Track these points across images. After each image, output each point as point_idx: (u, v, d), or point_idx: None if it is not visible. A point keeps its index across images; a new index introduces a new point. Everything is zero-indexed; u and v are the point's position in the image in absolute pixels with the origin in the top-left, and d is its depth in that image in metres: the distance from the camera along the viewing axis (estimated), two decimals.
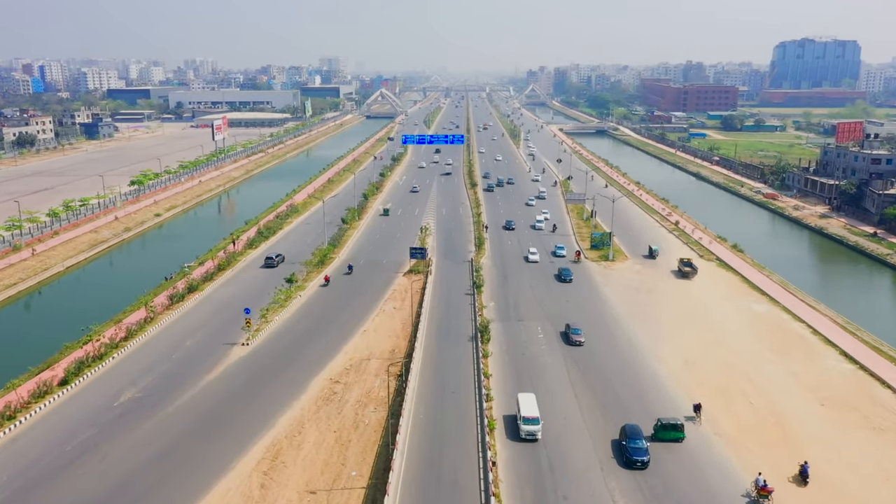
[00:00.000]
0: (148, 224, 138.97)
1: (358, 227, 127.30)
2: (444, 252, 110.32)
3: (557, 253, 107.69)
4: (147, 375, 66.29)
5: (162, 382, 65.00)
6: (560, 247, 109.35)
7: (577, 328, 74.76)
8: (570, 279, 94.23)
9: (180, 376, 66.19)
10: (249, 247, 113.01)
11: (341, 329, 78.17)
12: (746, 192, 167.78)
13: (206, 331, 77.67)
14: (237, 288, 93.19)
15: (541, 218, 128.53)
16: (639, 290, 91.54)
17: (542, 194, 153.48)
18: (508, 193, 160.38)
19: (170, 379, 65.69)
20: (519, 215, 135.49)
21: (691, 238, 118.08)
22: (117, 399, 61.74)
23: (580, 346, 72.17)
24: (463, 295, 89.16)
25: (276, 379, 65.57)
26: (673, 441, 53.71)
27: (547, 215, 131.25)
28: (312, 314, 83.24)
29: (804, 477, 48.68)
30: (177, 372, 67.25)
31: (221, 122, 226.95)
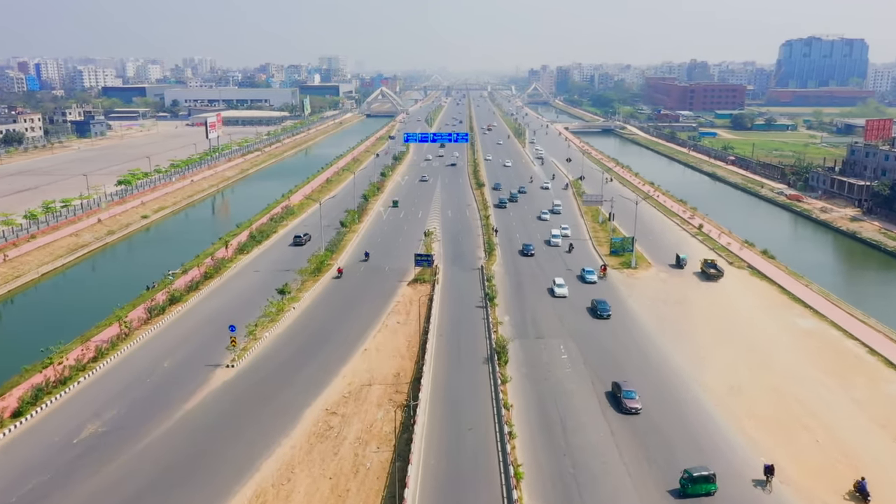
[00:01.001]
0: (134, 227, 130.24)
1: (358, 230, 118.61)
2: (452, 258, 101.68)
3: (586, 278, 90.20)
4: (115, 405, 57.60)
5: (131, 413, 56.33)
6: (589, 270, 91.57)
7: (631, 390, 56.98)
8: (607, 314, 76.67)
9: (153, 406, 57.51)
10: (240, 252, 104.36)
11: (339, 347, 69.50)
12: (767, 193, 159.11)
13: (187, 350, 69.01)
14: (225, 299, 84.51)
15: (556, 233, 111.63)
16: (667, 303, 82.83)
17: (557, 208, 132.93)
18: (520, 205, 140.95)
19: (141, 409, 57.01)
20: (532, 230, 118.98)
21: (717, 243, 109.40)
22: (78, 434, 53.05)
23: (636, 413, 55.30)
24: (474, 308, 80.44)
25: (264, 409, 56.90)
26: (705, 495, 44.82)
27: (567, 231, 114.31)
28: (307, 329, 74.57)
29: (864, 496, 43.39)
30: (150, 400, 58.58)
31: (215, 120, 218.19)
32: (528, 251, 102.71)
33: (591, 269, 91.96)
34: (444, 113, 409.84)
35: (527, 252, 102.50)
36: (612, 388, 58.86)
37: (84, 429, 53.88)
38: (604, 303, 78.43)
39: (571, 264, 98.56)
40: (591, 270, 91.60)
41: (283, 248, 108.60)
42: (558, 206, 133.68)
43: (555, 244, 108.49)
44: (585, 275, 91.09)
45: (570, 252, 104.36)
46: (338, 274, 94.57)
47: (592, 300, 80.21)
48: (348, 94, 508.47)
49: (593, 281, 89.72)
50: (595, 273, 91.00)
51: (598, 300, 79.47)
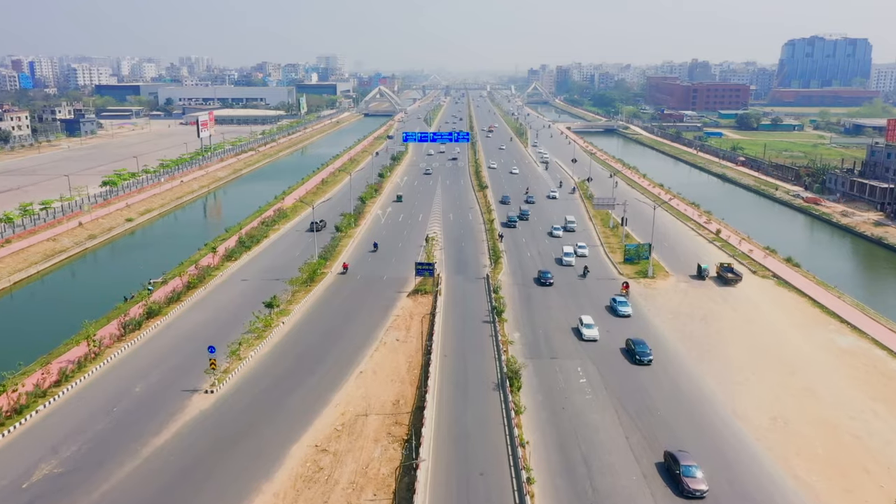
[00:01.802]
0: (117, 230, 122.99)
1: (354, 235, 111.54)
2: (455, 266, 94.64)
3: (618, 310, 75.29)
4: (75, 440, 50.49)
5: (93, 450, 49.23)
6: (621, 300, 76.64)
7: (693, 465, 44.97)
8: (648, 360, 62.73)
9: (119, 441, 50.42)
10: (228, 259, 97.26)
11: (331, 370, 62.44)
12: (782, 195, 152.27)
13: (163, 372, 61.91)
14: (209, 312, 77.36)
15: (569, 250, 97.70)
16: (692, 318, 75.85)
17: (571, 225, 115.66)
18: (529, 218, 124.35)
19: (104, 445, 49.92)
20: (545, 249, 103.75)
21: (738, 250, 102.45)
22: (28, 478, 45.96)
23: (700, 498, 43.41)
24: (480, 323, 73.39)
25: (244, 445, 49.84)
26: None
27: (584, 250, 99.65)
28: (297, 348, 67.48)
29: None
30: (115, 434, 51.48)
31: (207, 118, 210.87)
32: (546, 280, 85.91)
33: (624, 299, 76.98)
34: (444, 112, 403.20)
35: (544, 281, 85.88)
36: (666, 459, 46.67)
37: (37, 469, 46.78)
38: (643, 344, 64.36)
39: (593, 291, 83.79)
40: (623, 300, 76.50)
41: (274, 253, 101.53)
42: (572, 223, 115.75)
43: (567, 263, 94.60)
44: (617, 306, 75.94)
45: (585, 276, 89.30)
46: (343, 270, 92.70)
47: (628, 341, 65.98)
48: (346, 94, 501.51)
49: (627, 314, 74.85)
50: (628, 304, 76.30)
51: (636, 340, 65.08)
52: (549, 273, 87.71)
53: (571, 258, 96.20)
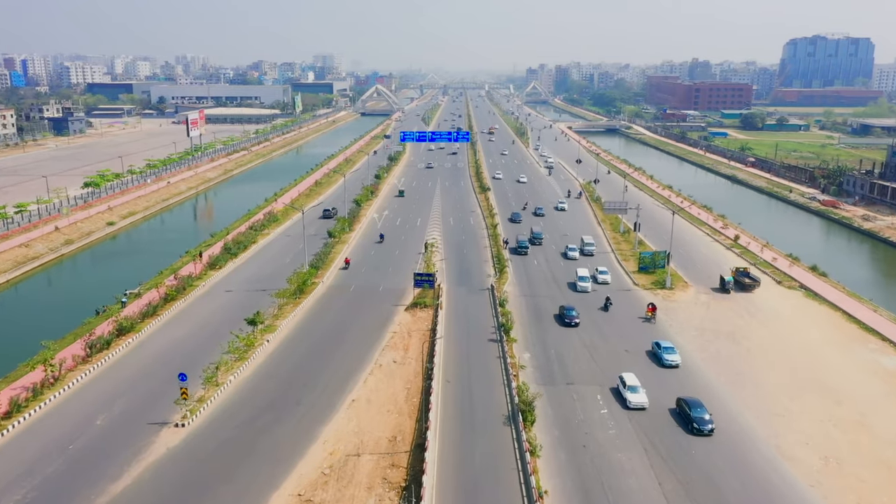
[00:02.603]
0: (97, 235, 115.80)
1: (349, 241, 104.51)
2: (457, 276, 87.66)
3: (665, 359, 60.75)
4: (20, 487, 43.49)
5: (39, 500, 42.19)
6: (668, 347, 62.02)
7: None
8: (709, 429, 49.61)
9: (71, 487, 43.44)
10: (212, 267, 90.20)
11: (320, 398, 55.45)
12: (798, 198, 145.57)
13: (130, 400, 54.88)
14: (187, 328, 70.32)
15: (584, 274, 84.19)
16: (718, 335, 68.99)
17: (589, 247, 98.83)
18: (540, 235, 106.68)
19: (54, 493, 42.93)
20: (559, 274, 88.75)
21: (759, 258, 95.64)
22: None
23: None
24: (486, 342, 66.43)
25: (216, 494, 42.85)
26: None
27: (605, 276, 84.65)
28: (281, 371, 60.46)
29: None
30: (68, 478, 44.47)
31: (198, 117, 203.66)
32: (570, 319, 70.03)
33: (671, 345, 62.25)
34: (442, 111, 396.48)
35: (568, 320, 69.95)
36: None
37: None
38: (700, 407, 50.90)
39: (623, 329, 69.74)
40: (670, 347, 61.85)
41: (262, 261, 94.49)
42: (590, 246, 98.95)
43: (583, 290, 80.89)
44: (664, 354, 60.99)
45: (608, 309, 74.61)
46: (345, 265, 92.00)
47: (679, 400, 52.48)
48: (342, 92, 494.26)
49: (675, 364, 60.41)
50: (675, 350, 61.84)
51: (691, 400, 51.46)
52: (574, 310, 71.34)
53: (587, 283, 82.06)
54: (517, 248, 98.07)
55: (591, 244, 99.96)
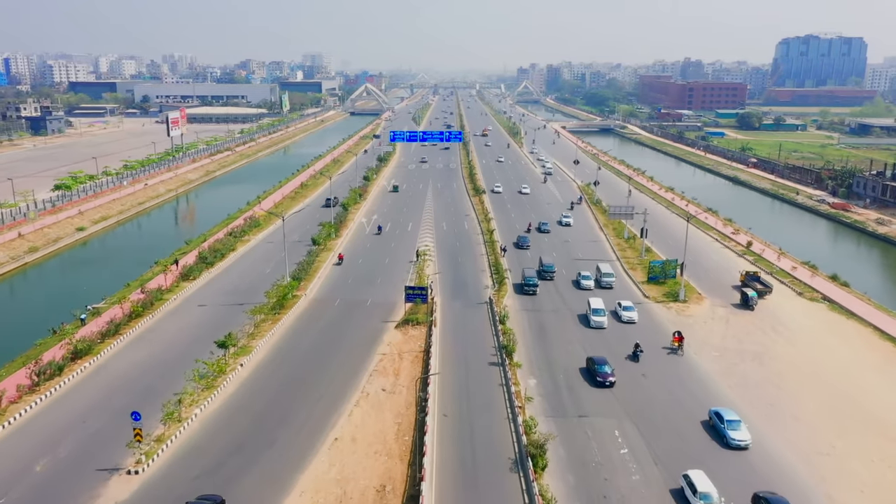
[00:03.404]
0: (65, 241, 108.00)
1: (334, 248, 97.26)
2: (451, 288, 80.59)
3: (731, 440, 46.80)
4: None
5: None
6: (732, 421, 47.78)
7: None
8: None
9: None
10: (184, 278, 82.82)
11: (297, 436, 48.32)
12: (805, 200, 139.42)
13: (78, 440, 47.56)
14: (152, 350, 62.97)
15: (598, 305, 70.45)
16: (742, 356, 62.30)
17: (608, 279, 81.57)
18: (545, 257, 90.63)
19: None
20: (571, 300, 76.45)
21: (775, 266, 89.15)
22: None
23: None
24: (486, 365, 59.44)
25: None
26: None
27: (632, 314, 70.00)
28: (255, 403, 53.25)
29: None
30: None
31: (178, 116, 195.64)
32: (604, 376, 55.14)
33: (736, 418, 48.09)
34: (433, 110, 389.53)
35: (601, 377, 55.11)
36: None
37: None
38: None
39: (668, 388, 55.50)
40: (735, 420, 47.83)
41: (240, 271, 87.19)
42: (609, 277, 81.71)
43: (598, 326, 67.99)
44: (727, 431, 47.05)
45: (637, 359, 60.33)
46: (338, 261, 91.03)
47: (757, 496, 40.28)
48: (331, 91, 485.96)
49: (744, 444, 46.50)
50: (741, 424, 47.65)
51: (772, 498, 39.72)
52: (607, 365, 56.04)
53: (603, 318, 68.44)
54: (524, 286, 78.55)
55: (609, 275, 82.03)
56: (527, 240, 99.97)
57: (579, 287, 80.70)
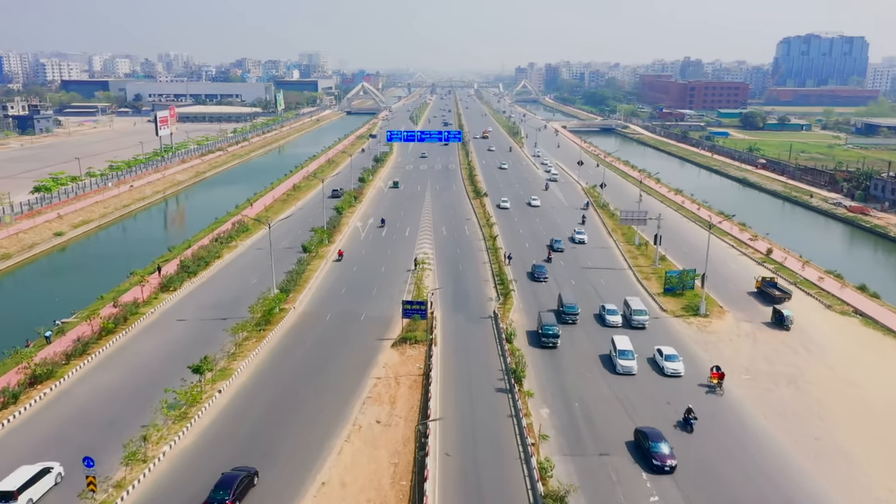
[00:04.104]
0: (41, 248, 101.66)
1: (326, 256, 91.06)
2: (452, 300, 74.46)
3: None
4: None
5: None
6: None
7: None
8: None
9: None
10: (164, 289, 76.61)
11: (279, 479, 42.20)
12: (820, 204, 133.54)
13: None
14: (122, 373, 56.78)
15: (625, 346, 58.38)
16: (776, 380, 56.32)
17: (641, 318, 66.72)
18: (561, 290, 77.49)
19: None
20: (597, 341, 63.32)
21: (798, 276, 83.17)
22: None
23: None
24: (493, 392, 53.36)
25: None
26: None
27: (677, 365, 56.62)
28: (233, 437, 47.12)
29: None
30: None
31: (168, 115, 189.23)
32: (661, 458, 43.11)
33: None
34: (431, 110, 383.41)
35: (659, 460, 43.09)
36: None
37: None
38: None
39: None
40: None
41: (225, 281, 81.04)
42: (642, 316, 66.80)
43: (625, 371, 56.24)
44: None
45: (691, 428, 47.88)
46: (338, 257, 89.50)
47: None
48: (328, 90, 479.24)
49: None
50: None
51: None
52: (663, 443, 44.04)
53: (631, 362, 56.39)
54: (542, 336, 61.69)
55: (641, 312, 67.13)
56: (543, 270, 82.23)
57: (604, 323, 67.50)
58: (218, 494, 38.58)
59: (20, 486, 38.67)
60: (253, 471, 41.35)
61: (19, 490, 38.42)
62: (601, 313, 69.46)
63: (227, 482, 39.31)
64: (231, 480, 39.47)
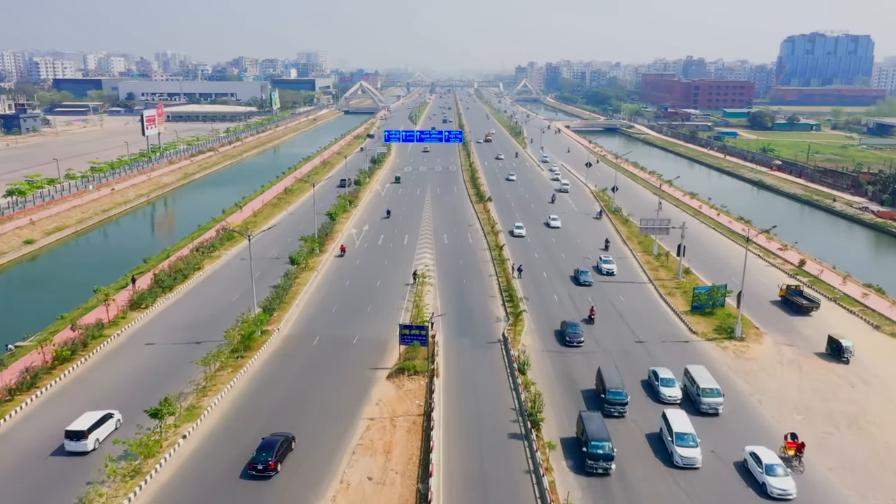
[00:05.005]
0: (9, 257, 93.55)
1: (317, 268, 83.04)
2: (456, 321, 66.45)
3: None
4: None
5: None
6: None
7: None
8: None
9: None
10: (135, 306, 68.67)
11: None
12: (844, 208, 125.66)
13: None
14: (71, 414, 48.62)
15: (685, 429, 43.70)
16: (835, 421, 48.37)
17: (711, 402, 48.79)
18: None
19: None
20: (650, 418, 48.35)
21: (838, 292, 75.24)
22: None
23: None
24: (506, 439, 45.38)
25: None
26: None
27: (787, 485, 39.33)
28: (197, 496, 39.12)
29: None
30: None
31: (155, 113, 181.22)
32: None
33: None
34: (430, 109, 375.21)
35: None
36: None
37: None
38: None
39: None
40: None
41: (203, 297, 73.08)
42: (713, 397, 49.09)
43: (687, 463, 42.12)
44: None
45: None
46: (341, 252, 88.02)
47: None
48: (325, 90, 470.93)
49: None
50: None
51: None
52: None
53: (694, 452, 42.26)
54: (589, 455, 41.52)
55: (713, 392, 48.94)
56: (577, 331, 60.79)
57: (657, 397, 50.50)
58: (261, 456, 41.09)
59: (90, 426, 43.54)
60: (291, 436, 43.91)
61: (89, 430, 43.26)
62: (650, 380, 53.02)
63: (269, 445, 41.81)
64: (272, 444, 41.90)
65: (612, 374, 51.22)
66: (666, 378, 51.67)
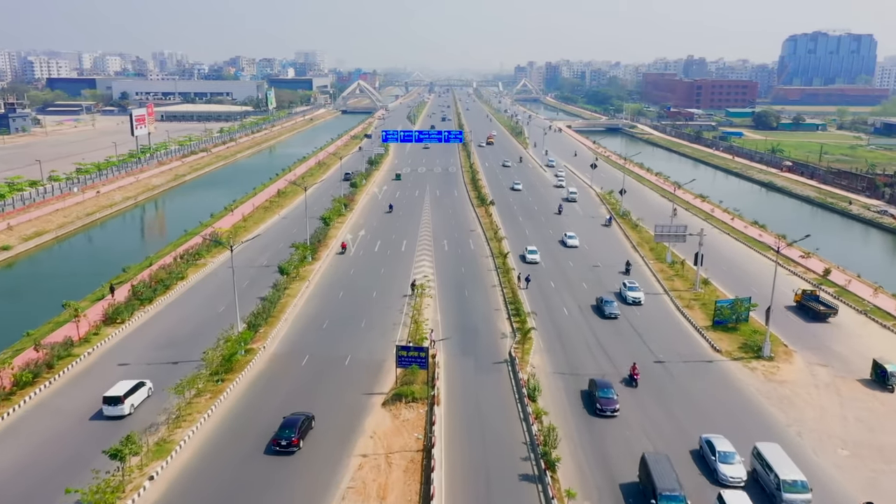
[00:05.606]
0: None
1: (308, 277, 77.59)
2: (458, 339, 60.99)
3: None
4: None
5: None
6: None
7: None
8: None
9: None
10: (109, 321, 63.26)
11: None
12: (861, 211, 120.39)
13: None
14: (25, 451, 43.34)
15: None
16: (886, 457, 43.05)
17: (799, 500, 36.94)
18: None
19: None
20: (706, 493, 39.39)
21: (868, 304, 69.95)
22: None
23: None
24: (517, 481, 40.00)
25: None
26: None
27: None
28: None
29: None
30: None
31: (144, 113, 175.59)
32: None
33: None
34: (429, 108, 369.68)
35: None
36: None
37: None
38: None
39: None
40: None
41: (185, 310, 67.72)
42: (803, 494, 37.05)
43: None
44: None
45: None
46: (341, 250, 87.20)
47: None
48: (323, 89, 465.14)
49: None
50: None
51: None
52: None
53: None
54: None
55: (799, 486, 37.32)
56: (611, 394, 48.27)
57: (715, 478, 39.90)
58: (284, 433, 42.40)
59: (125, 392, 46.80)
60: (311, 415, 45.42)
61: (125, 395, 46.48)
62: (703, 452, 42.04)
63: (291, 423, 43.17)
64: (294, 422, 43.28)
65: (663, 468, 37.67)
66: (725, 451, 40.75)
